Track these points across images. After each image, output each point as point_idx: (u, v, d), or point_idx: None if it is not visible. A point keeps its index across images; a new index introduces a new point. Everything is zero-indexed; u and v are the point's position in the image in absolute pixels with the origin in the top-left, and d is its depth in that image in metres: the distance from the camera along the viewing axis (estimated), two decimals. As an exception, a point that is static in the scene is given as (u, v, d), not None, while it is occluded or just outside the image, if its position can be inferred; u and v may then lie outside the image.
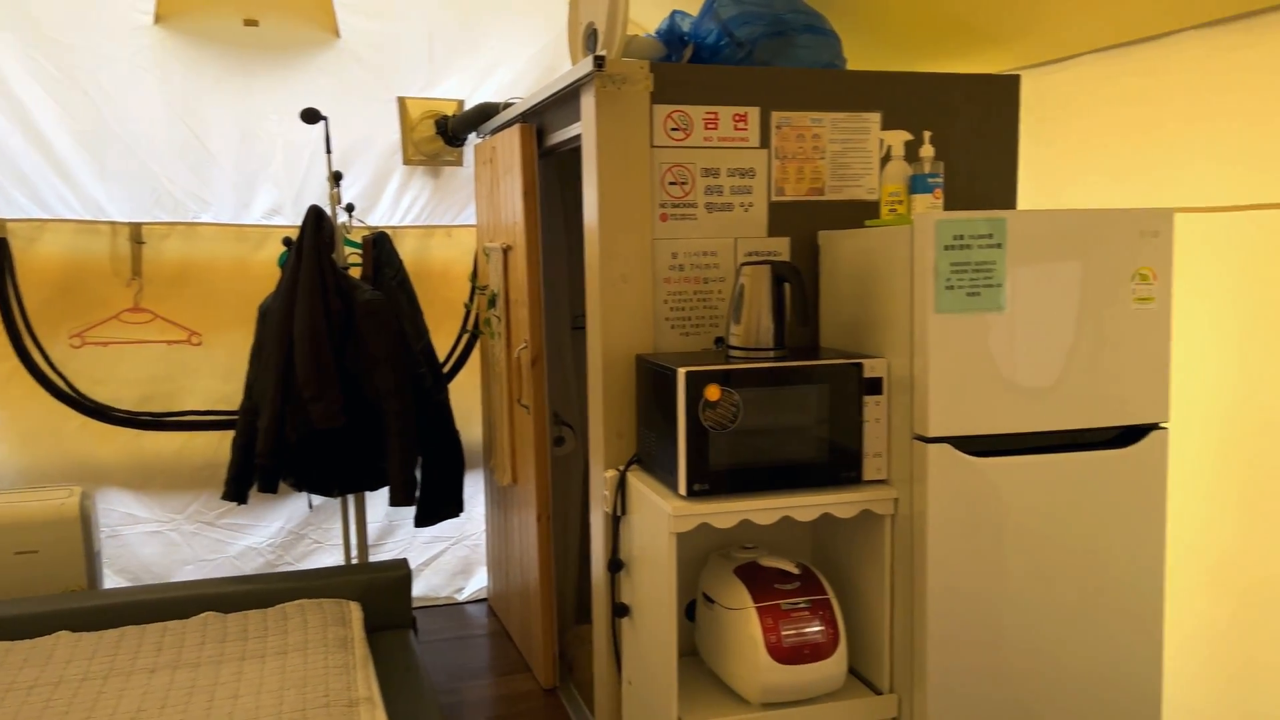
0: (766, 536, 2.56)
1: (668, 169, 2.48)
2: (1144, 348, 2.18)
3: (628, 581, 2.46)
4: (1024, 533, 2.15)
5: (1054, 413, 2.16)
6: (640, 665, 2.40)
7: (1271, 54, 2.18)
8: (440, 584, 4.12)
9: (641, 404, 2.43)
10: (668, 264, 2.52)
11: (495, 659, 3.61)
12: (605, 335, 2.48)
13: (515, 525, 3.56)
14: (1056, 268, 2.11)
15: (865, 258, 2.31)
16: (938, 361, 2.09)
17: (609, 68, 2.37)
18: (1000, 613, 2.15)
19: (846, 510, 2.22)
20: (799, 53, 2.71)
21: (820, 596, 2.26)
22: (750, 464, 2.19)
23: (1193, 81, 2.38)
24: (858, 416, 2.24)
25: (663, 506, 2.16)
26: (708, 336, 2.57)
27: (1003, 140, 2.72)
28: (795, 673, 2.19)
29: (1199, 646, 2.39)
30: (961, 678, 2.15)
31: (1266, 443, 2.21)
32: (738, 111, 2.52)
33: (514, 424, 3.42)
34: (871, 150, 2.63)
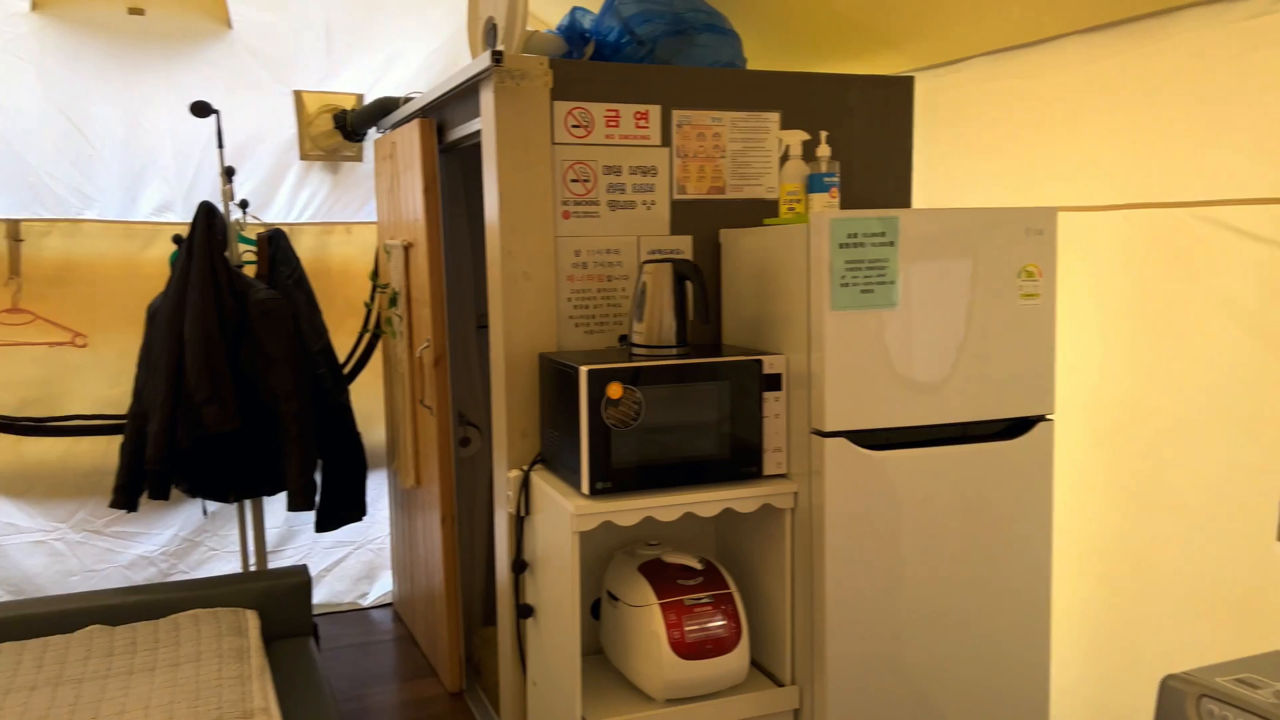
0: (671, 533, 2.57)
1: (569, 166, 2.47)
2: (1030, 342, 2.26)
3: (532, 582, 2.45)
4: (918, 523, 2.20)
5: (945, 406, 2.22)
6: (545, 666, 2.38)
7: (1146, 59, 2.28)
8: (344, 590, 4.03)
9: (545, 403, 2.42)
10: (571, 262, 2.51)
11: (400, 664, 3.55)
12: (508, 334, 2.45)
13: (420, 528, 3.50)
14: (947, 265, 2.17)
15: (764, 256, 2.34)
16: (834, 358, 2.13)
17: (507, 63, 2.35)
18: (896, 601, 2.20)
19: (747, 505, 2.24)
20: (700, 52, 2.73)
21: (723, 591, 2.28)
22: (653, 461, 2.20)
23: (1073, 85, 2.47)
24: (758, 412, 2.27)
25: (565, 506, 2.15)
26: (612, 334, 2.57)
27: (898, 140, 2.78)
28: (699, 667, 2.21)
29: (1084, 631, 2.49)
30: (860, 666, 2.19)
31: (1146, 433, 2.30)
32: (639, 109, 2.52)
33: (417, 425, 3.37)
34: (771, 149, 2.67)
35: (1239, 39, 2.07)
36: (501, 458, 2.54)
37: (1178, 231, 2.19)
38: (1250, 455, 2.05)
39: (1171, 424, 2.23)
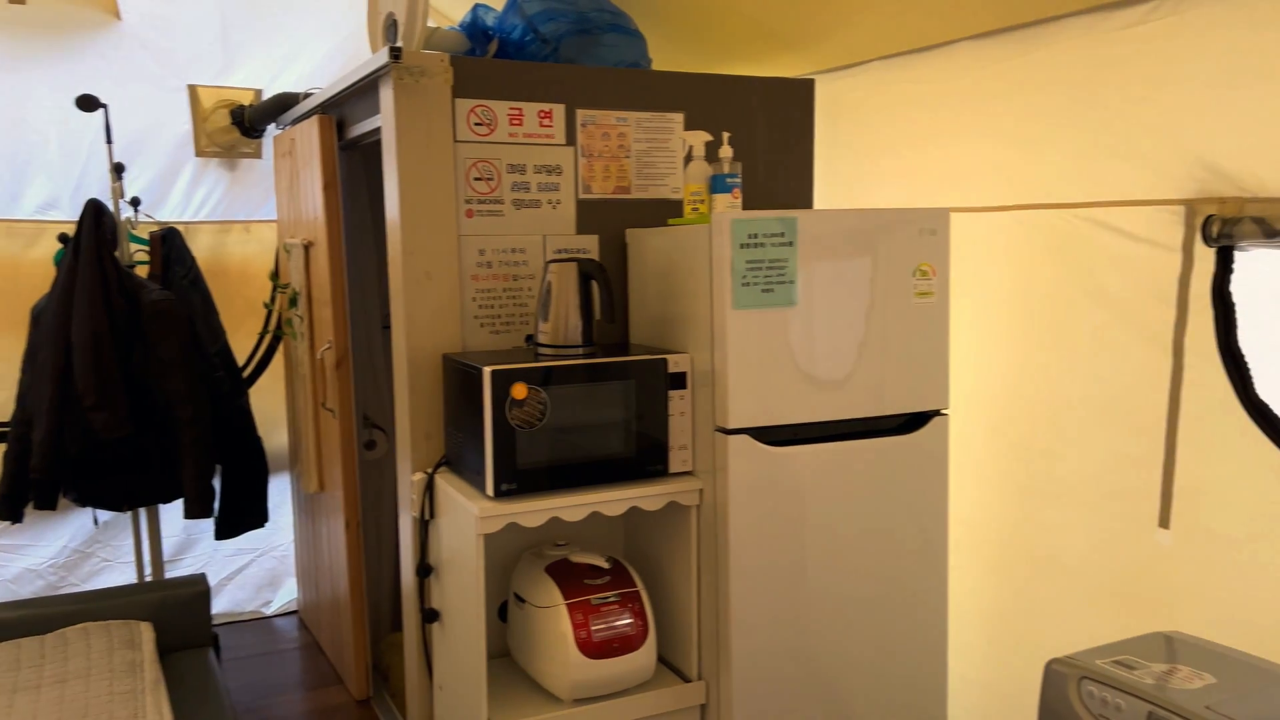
0: (580, 532, 2.57)
1: (472, 164, 2.45)
2: (925, 339, 2.32)
3: (438, 586, 2.42)
4: (820, 517, 2.25)
5: (845, 402, 2.26)
6: (451, 670, 2.36)
7: (1031, 66, 2.36)
8: (246, 598, 3.92)
9: (449, 404, 2.39)
10: (475, 261, 2.48)
11: (306, 673, 3.47)
12: (410, 334, 2.42)
13: (324, 534, 3.43)
14: (845, 264, 2.22)
15: (669, 255, 2.36)
16: (736, 356, 2.15)
17: (406, 60, 2.32)
18: (799, 595, 2.24)
19: (653, 503, 2.25)
20: (604, 51, 2.73)
21: (630, 589, 2.29)
22: (559, 461, 2.19)
23: (965, 89, 2.55)
24: (663, 411, 2.28)
25: (470, 508, 2.13)
26: (518, 334, 2.56)
27: (799, 141, 2.83)
28: (606, 666, 2.21)
29: (981, 619, 2.57)
30: (764, 659, 2.22)
31: (1035, 426, 2.39)
32: (543, 108, 2.52)
33: (319, 428, 3.30)
34: (676, 150, 2.69)
35: (1116, 47, 2.16)
36: (405, 460, 2.50)
37: (1062, 232, 2.28)
38: (1132, 446, 2.14)
39: (1059, 417, 2.32)
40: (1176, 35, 2.03)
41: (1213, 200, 1.95)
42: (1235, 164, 1.91)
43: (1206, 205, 1.96)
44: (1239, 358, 1.91)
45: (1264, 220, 1.82)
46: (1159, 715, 1.49)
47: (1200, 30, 1.98)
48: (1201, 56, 1.98)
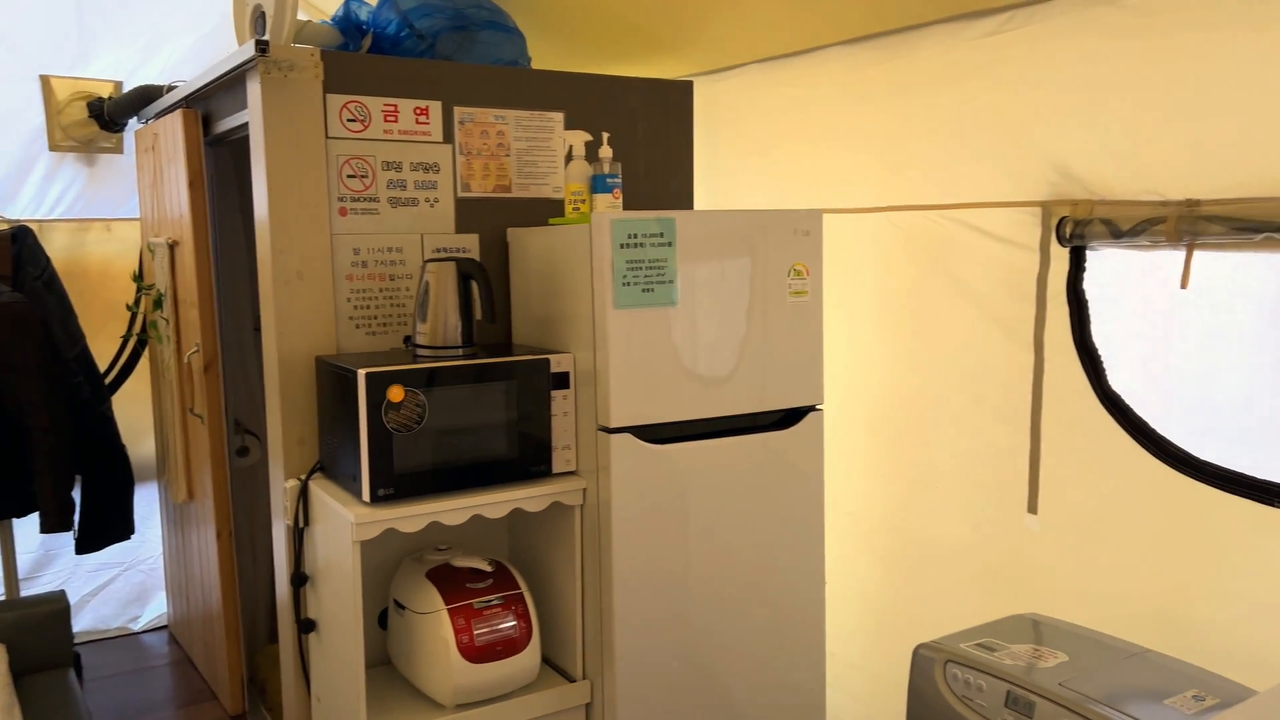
0: (463, 536, 2.53)
1: (345, 161, 2.39)
2: (800, 337, 2.37)
3: (314, 595, 2.35)
4: (702, 513, 2.27)
5: (725, 399, 2.29)
6: (329, 680, 2.29)
7: (898, 71, 2.44)
8: (111, 614, 3.73)
9: (323, 408, 2.33)
10: (350, 260, 2.42)
11: (177, 689, 3.33)
12: (281, 336, 2.34)
13: (195, 544, 3.29)
14: (723, 264, 2.25)
15: (551, 255, 2.35)
16: (618, 355, 2.16)
17: (274, 53, 2.24)
18: (682, 591, 2.26)
19: (536, 504, 2.24)
20: (482, 49, 2.70)
21: (514, 592, 2.27)
22: (439, 464, 2.16)
23: (837, 93, 2.62)
24: (546, 411, 2.27)
25: (345, 515, 2.07)
26: (396, 336, 2.50)
27: (679, 142, 2.85)
28: (488, 670, 2.19)
29: (863, 607, 2.65)
30: (648, 656, 2.24)
31: (910, 419, 2.47)
32: (419, 105, 2.47)
33: (188, 435, 3.16)
34: (556, 149, 2.67)
35: (975, 55, 2.26)
36: (278, 467, 2.42)
37: (930, 232, 2.37)
38: (1001, 435, 2.24)
39: (931, 410, 2.41)
40: (1031, 44, 2.13)
41: (1066, 202, 2.05)
42: (1086, 168, 2.02)
43: (1060, 207, 2.06)
44: (1092, 351, 2.02)
45: (1111, 221, 1.93)
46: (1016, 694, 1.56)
47: (1052, 40, 2.08)
48: (1054, 65, 2.08)
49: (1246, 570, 1.80)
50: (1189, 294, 1.85)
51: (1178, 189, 1.84)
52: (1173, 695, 1.54)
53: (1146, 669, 1.65)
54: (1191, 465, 1.86)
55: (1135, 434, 1.94)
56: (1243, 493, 1.79)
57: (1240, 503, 1.80)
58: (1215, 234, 1.74)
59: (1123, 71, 1.94)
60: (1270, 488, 1.75)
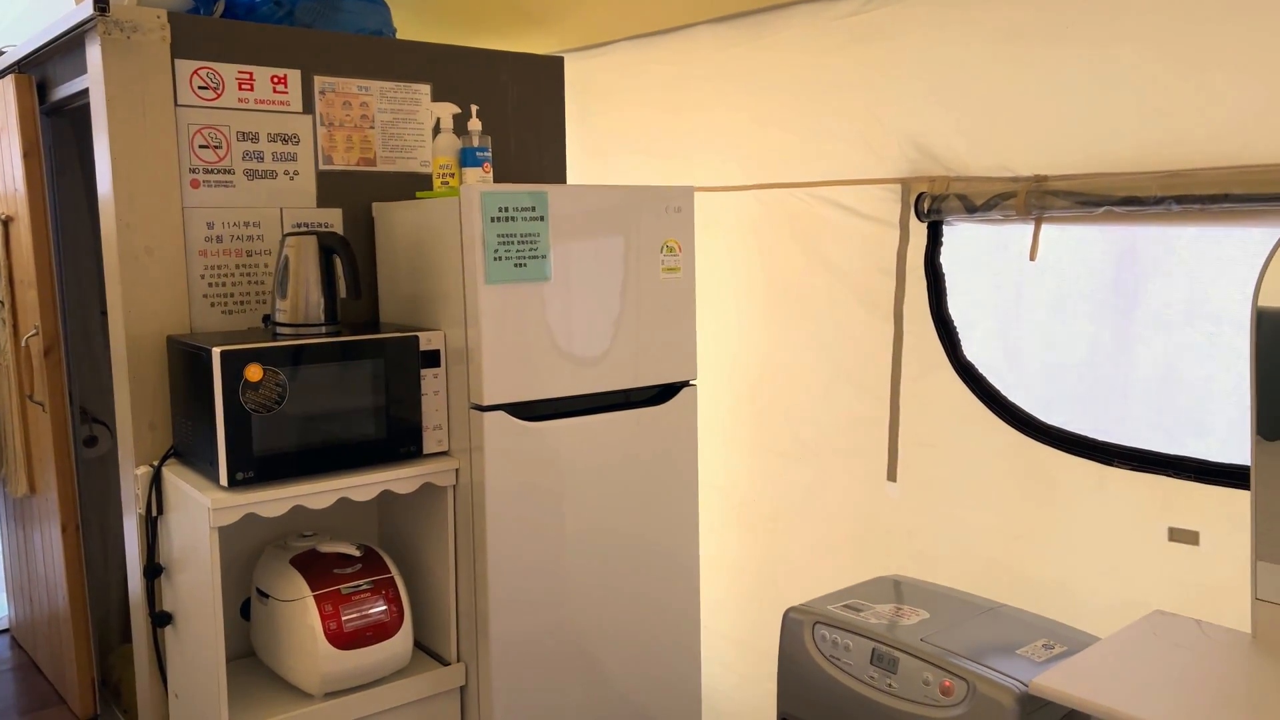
0: (330, 521, 2.45)
1: (197, 131, 2.27)
2: (673, 314, 2.38)
3: (170, 587, 2.24)
4: (577, 490, 2.26)
5: (600, 376, 2.29)
6: (188, 675, 2.19)
7: (762, 51, 2.48)
8: (-56, 620, 3.48)
9: (176, 391, 2.21)
10: (203, 235, 2.30)
11: (21, 695, 3.13)
12: (129, 315, 2.21)
13: (38, 541, 3.09)
14: (597, 240, 2.24)
15: (419, 230, 2.29)
16: (490, 331, 2.12)
17: (115, 13, 2.11)
18: (558, 569, 2.25)
19: (406, 486, 2.19)
20: (344, 18, 2.61)
21: (384, 576, 2.22)
22: (302, 446, 2.08)
23: (705, 72, 2.64)
24: (416, 390, 2.22)
25: (201, 500, 1.98)
26: (255, 314, 2.40)
27: (550, 119, 2.82)
28: (358, 656, 2.13)
29: (733, 577, 2.69)
30: (524, 636, 2.22)
31: (777, 391, 2.52)
32: (276, 73, 2.37)
33: (27, 424, 2.96)
34: (424, 122, 2.61)
35: (836, 36, 2.31)
36: (128, 454, 2.29)
37: (795, 209, 2.41)
38: (863, 406, 2.31)
39: (798, 382, 2.46)
40: (890, 25, 2.19)
41: (924, 179, 2.12)
42: (942, 146, 2.09)
43: (919, 184, 2.13)
44: (949, 323, 2.10)
45: (966, 197, 2.01)
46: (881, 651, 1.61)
47: (910, 21, 2.15)
48: (911, 45, 2.15)
49: (1088, 526, 1.91)
50: (1037, 266, 1.94)
51: (1027, 165, 1.93)
52: (1025, 645, 1.63)
53: (1000, 622, 1.73)
54: (1036, 428, 1.96)
55: (987, 401, 2.03)
56: (1081, 453, 1.89)
57: (1080, 463, 1.91)
58: (1061, 208, 1.83)
59: (976, 52, 2.02)
60: (1109, 449, 1.86)
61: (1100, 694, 1.32)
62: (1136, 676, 1.39)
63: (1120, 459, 1.80)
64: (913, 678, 1.55)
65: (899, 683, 1.57)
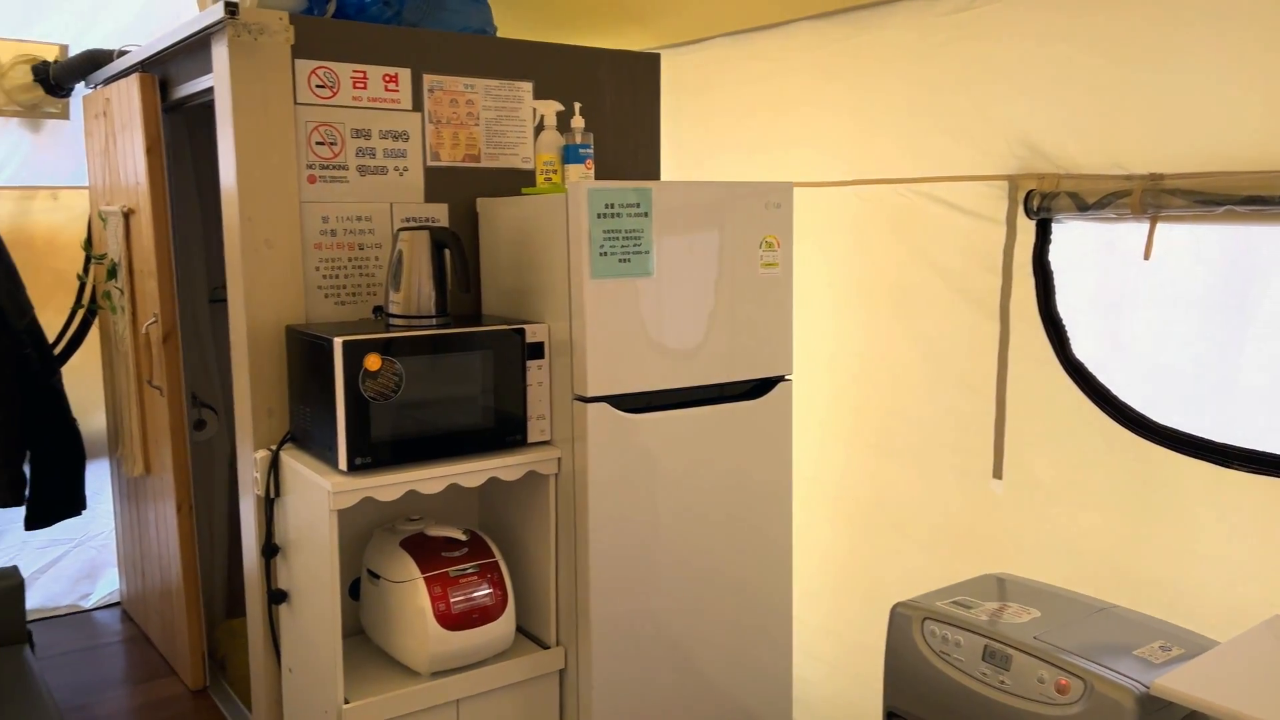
0: (433, 506, 2.53)
1: (314, 128, 2.35)
2: (771, 309, 2.40)
3: (285, 566, 2.33)
4: (673, 481, 2.30)
5: (697, 370, 2.32)
6: (302, 651, 2.29)
7: (866, 46, 2.47)
8: (61, 591, 3.65)
9: (294, 378, 2.30)
10: (318, 229, 2.39)
11: (133, 666, 3.28)
12: (249, 306, 2.31)
13: (152, 519, 3.23)
14: (696, 235, 2.27)
15: (523, 225, 2.34)
16: (594, 325, 2.17)
17: (243, 16, 2.20)
18: (654, 557, 2.29)
19: (512, 473, 2.25)
20: (448, 16, 2.67)
21: (488, 560, 2.28)
22: (415, 434, 2.15)
23: (805, 67, 2.65)
24: (521, 381, 2.28)
25: (321, 483, 2.06)
26: (365, 305, 2.48)
27: (646, 114, 2.86)
28: (464, 638, 2.20)
29: (830, 571, 2.71)
30: (621, 623, 2.27)
31: (877, 388, 2.53)
32: (388, 72, 2.44)
33: (144, 408, 3.10)
34: (525, 119, 2.66)
35: (944, 31, 2.30)
36: (246, 438, 2.40)
37: (897, 206, 2.41)
38: (964, 403, 2.30)
39: (898, 379, 2.47)
40: (999, 20, 2.17)
41: (1033, 176, 2.11)
42: (1052, 143, 2.08)
43: (1027, 181, 2.12)
44: (1057, 322, 2.09)
45: (1077, 195, 1.99)
46: (993, 648, 1.62)
47: (1018, 17, 2.13)
48: (1021, 40, 2.13)
49: (1200, 528, 1.89)
50: (1150, 264, 1.92)
51: (1142, 163, 1.91)
52: (1141, 646, 1.62)
53: (1114, 623, 1.73)
54: (1150, 429, 1.94)
55: (1097, 400, 2.01)
56: (1197, 454, 1.87)
57: (1195, 464, 1.88)
58: (1178, 207, 1.81)
59: (1089, 47, 2.00)
60: (1223, 449, 1.84)
61: (1226, 697, 1.31)
62: (1261, 680, 1.38)
63: (1239, 461, 1.77)
64: (1027, 675, 1.56)
65: (1012, 680, 1.58)
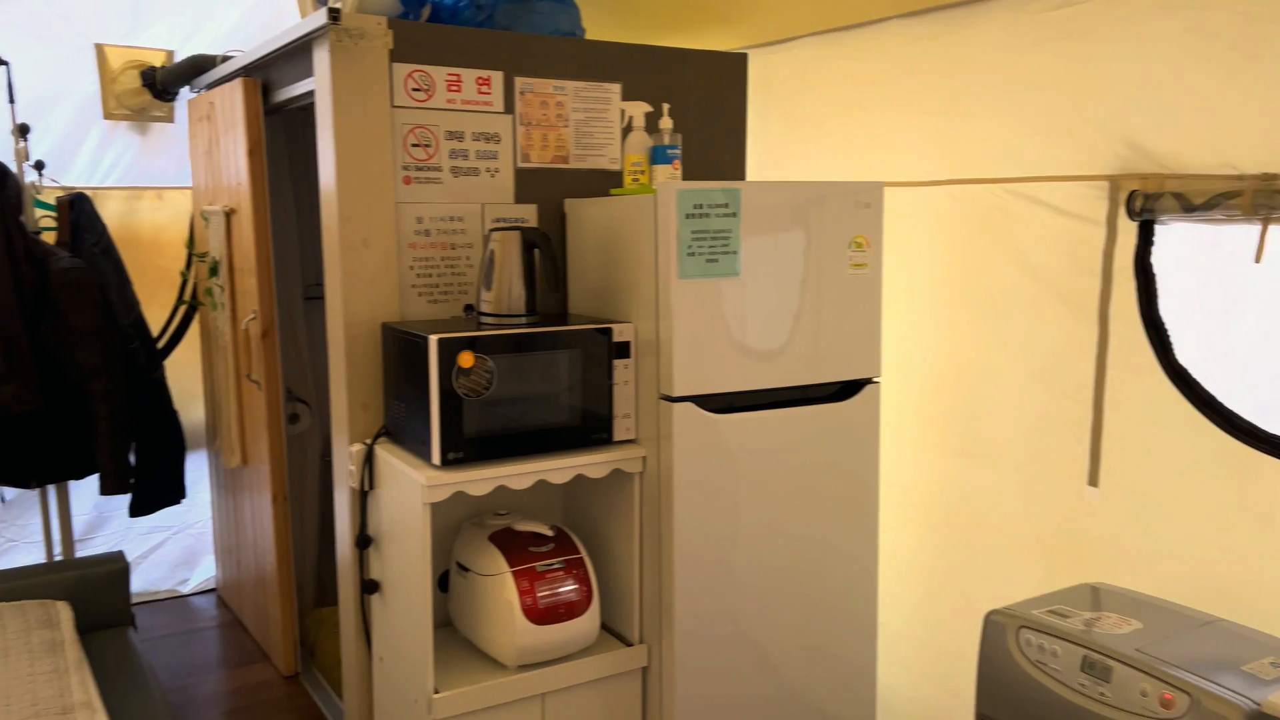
0: (518, 502, 2.57)
1: (410, 130, 2.41)
2: (859, 310, 2.38)
3: (376, 557, 2.39)
4: (757, 482, 2.30)
5: (783, 371, 2.31)
6: (392, 640, 2.34)
7: (958, 45, 2.44)
8: (161, 577, 3.80)
9: (389, 374, 2.36)
10: (413, 229, 2.45)
11: (229, 651, 3.40)
12: (347, 303, 2.38)
13: (247, 509, 3.35)
14: (784, 235, 2.26)
15: (611, 226, 2.37)
16: (681, 325, 2.18)
17: (345, 21, 2.26)
18: (737, 557, 2.29)
19: (598, 470, 2.27)
20: (538, 19, 2.71)
21: (574, 556, 2.31)
22: (504, 430, 2.19)
23: (895, 66, 2.62)
24: (607, 379, 2.30)
25: (415, 477, 2.11)
26: (456, 304, 2.53)
27: (732, 115, 2.86)
28: (551, 632, 2.23)
29: (914, 577, 2.67)
30: (704, 622, 2.27)
31: (966, 391, 2.49)
32: (481, 75, 2.49)
33: (243, 401, 3.21)
34: (613, 120, 2.69)
35: (1038, 29, 2.25)
36: (342, 432, 2.46)
37: (991, 206, 2.37)
38: (1060, 408, 2.25)
39: (989, 383, 2.42)
40: (1098, 19, 2.12)
41: (1135, 176, 2.05)
42: (1156, 142, 2.02)
43: (1129, 181, 2.06)
44: (1160, 326, 2.03)
45: (1183, 195, 1.93)
46: (1093, 659, 1.58)
47: (1120, 14, 2.08)
48: (1120, 38, 2.08)
49: (1312, 543, 1.82)
50: (1260, 267, 1.86)
51: (1253, 162, 1.84)
52: (1249, 662, 1.57)
53: (1220, 636, 1.67)
54: (1258, 437, 1.87)
55: (1201, 406, 1.95)
56: (1310, 466, 1.80)
57: (1306, 476, 1.81)
58: (1292, 208, 1.75)
59: (1197, 42, 1.94)
60: (1339, 461, 1.77)
61: (1343, 716, 1.26)
62: (1379, 701, 1.32)
63: (1355, 473, 1.70)
64: (1129, 688, 1.52)
65: (1113, 692, 1.54)
